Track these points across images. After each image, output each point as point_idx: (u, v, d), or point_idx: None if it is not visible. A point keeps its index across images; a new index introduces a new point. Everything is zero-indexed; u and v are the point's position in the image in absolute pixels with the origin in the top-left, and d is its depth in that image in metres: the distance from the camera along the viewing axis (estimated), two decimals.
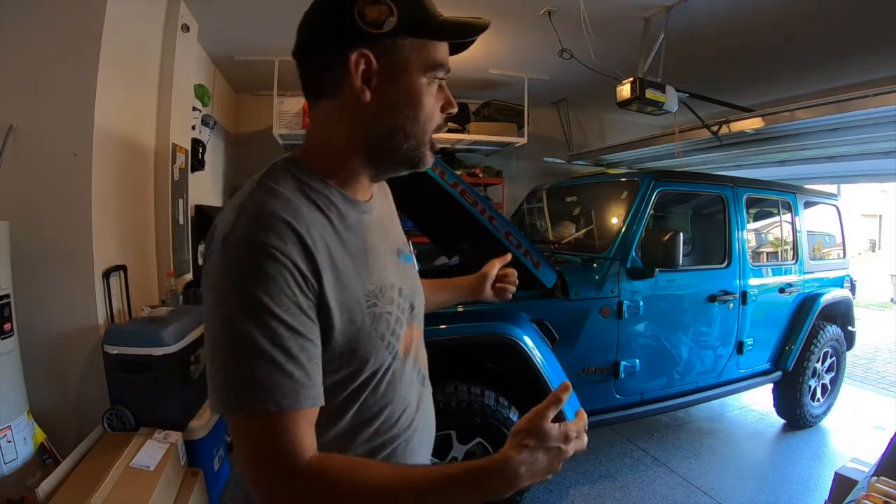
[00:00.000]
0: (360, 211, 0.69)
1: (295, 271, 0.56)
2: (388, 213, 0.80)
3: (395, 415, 0.71)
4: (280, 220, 0.57)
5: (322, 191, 0.65)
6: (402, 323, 0.71)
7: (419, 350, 0.79)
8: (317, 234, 0.60)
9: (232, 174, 4.49)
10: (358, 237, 0.67)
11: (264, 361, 0.54)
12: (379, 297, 0.66)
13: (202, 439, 2.06)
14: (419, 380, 0.78)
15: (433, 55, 0.64)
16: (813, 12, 2.72)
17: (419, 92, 0.64)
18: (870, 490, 1.08)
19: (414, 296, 0.77)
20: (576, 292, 2.29)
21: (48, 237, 1.98)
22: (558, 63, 3.22)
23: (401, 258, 0.76)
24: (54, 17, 1.98)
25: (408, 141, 0.66)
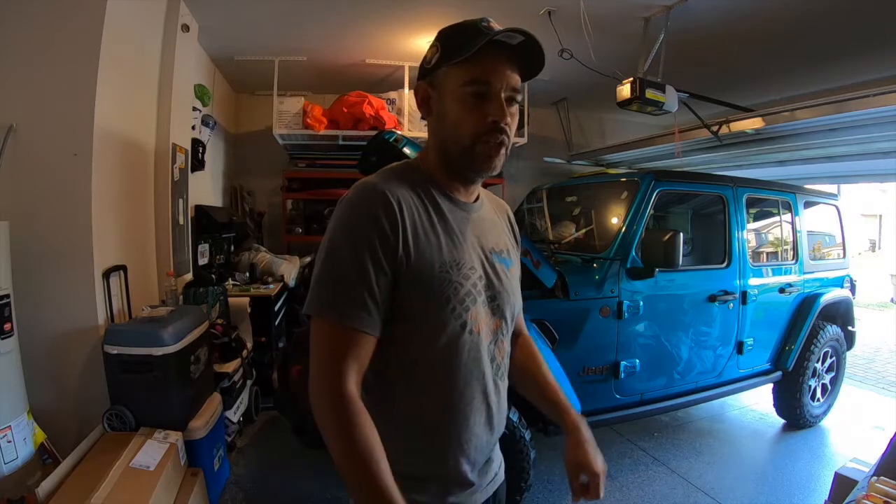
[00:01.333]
0: (456, 206, 0.85)
1: (379, 226, 0.74)
2: (492, 221, 0.93)
3: (459, 380, 0.81)
4: (377, 190, 0.77)
5: (422, 182, 0.84)
6: (476, 301, 0.81)
7: (498, 341, 0.87)
8: (406, 207, 0.77)
9: (232, 174, 4.49)
10: (447, 222, 0.82)
11: (342, 284, 0.74)
12: (452, 268, 0.79)
13: (202, 439, 2.06)
14: (494, 368, 0.86)
15: (465, 74, 0.78)
16: (813, 12, 2.72)
17: (452, 107, 0.80)
18: (870, 490, 1.08)
19: (500, 292, 0.87)
20: (576, 292, 2.29)
21: (48, 237, 1.98)
22: (558, 63, 3.22)
23: (493, 256, 0.88)
24: (54, 17, 1.98)
25: (454, 146, 0.81)
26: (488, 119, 0.78)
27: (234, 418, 2.63)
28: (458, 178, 0.86)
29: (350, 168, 3.91)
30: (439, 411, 0.82)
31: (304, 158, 4.40)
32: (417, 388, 0.81)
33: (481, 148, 0.79)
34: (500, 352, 0.88)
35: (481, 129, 0.78)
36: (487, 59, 0.77)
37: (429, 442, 0.83)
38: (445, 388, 0.81)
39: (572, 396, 2.23)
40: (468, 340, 0.81)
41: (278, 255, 3.81)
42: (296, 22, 3.10)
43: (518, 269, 0.96)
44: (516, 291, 0.92)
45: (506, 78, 0.78)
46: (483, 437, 0.86)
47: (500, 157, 0.82)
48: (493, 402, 0.86)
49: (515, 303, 0.92)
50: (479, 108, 0.78)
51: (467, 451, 0.84)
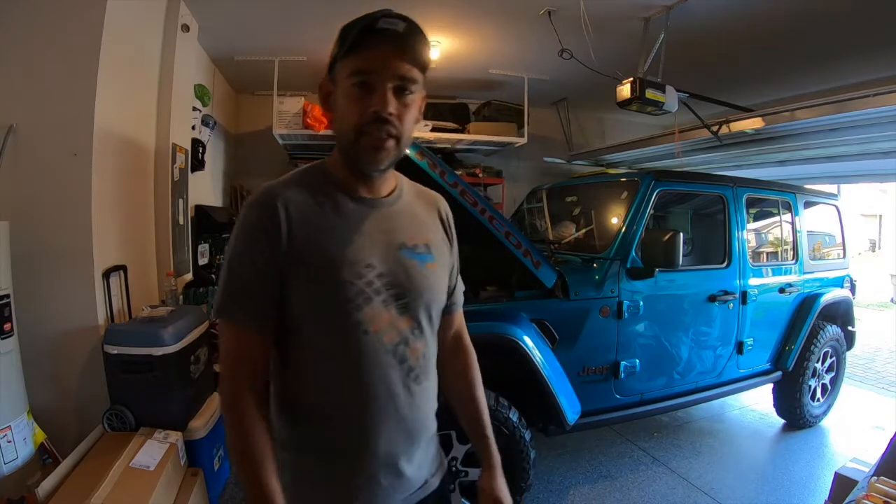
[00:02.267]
0: (358, 202, 0.84)
1: (264, 229, 0.77)
2: (411, 214, 0.90)
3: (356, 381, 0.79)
4: (267, 194, 0.79)
5: (322, 181, 0.84)
6: (371, 299, 0.79)
7: (409, 342, 0.83)
8: (294, 208, 0.78)
9: (232, 174, 4.49)
10: (345, 220, 0.82)
11: (232, 286, 0.78)
12: (343, 266, 0.78)
13: (202, 439, 2.06)
14: (403, 370, 0.82)
15: (349, 66, 0.77)
16: (812, 12, 2.72)
17: (341, 101, 0.79)
18: (870, 490, 1.08)
19: (410, 289, 0.83)
20: (576, 292, 2.29)
21: (48, 237, 1.98)
22: (558, 63, 3.22)
23: (402, 252, 0.84)
24: (54, 18, 1.98)
25: (344, 140, 0.80)
26: (370, 110, 0.75)
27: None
28: (355, 173, 0.83)
29: None
30: (340, 414, 0.81)
31: (304, 158, 4.40)
32: (318, 389, 0.81)
33: (365, 140, 0.77)
34: (413, 353, 0.84)
35: (364, 121, 0.76)
36: (372, 49, 0.75)
37: (333, 444, 0.81)
38: (343, 389, 0.80)
39: (572, 396, 2.23)
40: (363, 341, 0.79)
41: None
42: (296, 22, 3.10)
43: (443, 264, 0.92)
44: (434, 288, 0.88)
45: (391, 67, 0.75)
46: (397, 442, 0.83)
47: (388, 150, 0.78)
48: (402, 405, 0.82)
49: (433, 300, 0.88)
50: (362, 100, 0.76)
51: (384, 461, 0.82)
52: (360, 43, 0.74)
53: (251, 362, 0.78)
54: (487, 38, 3.40)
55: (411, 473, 0.86)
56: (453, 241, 0.97)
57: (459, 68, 3.96)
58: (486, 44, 3.49)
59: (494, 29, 3.22)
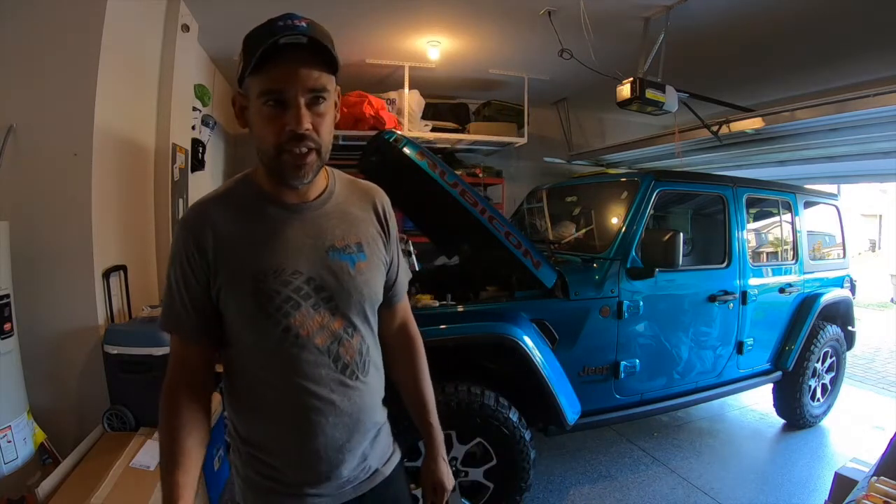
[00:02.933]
0: (283, 209, 0.86)
1: (188, 245, 0.82)
2: (342, 214, 0.90)
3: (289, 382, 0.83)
4: (193, 211, 0.86)
5: (246, 192, 0.87)
6: (300, 305, 0.82)
7: (342, 341, 0.86)
8: (221, 222, 0.83)
9: (232, 174, 4.43)
10: (270, 229, 0.84)
11: (165, 298, 0.86)
12: (268, 276, 0.81)
13: None
14: (338, 367, 0.86)
15: (259, 85, 0.76)
16: (813, 12, 2.72)
17: (255, 119, 0.79)
18: (870, 490, 1.08)
19: (338, 291, 0.86)
20: (576, 292, 2.29)
21: (48, 237, 1.98)
22: (558, 63, 3.22)
23: (330, 255, 0.86)
24: (54, 18, 1.98)
25: (264, 157, 0.81)
26: (286, 129, 0.75)
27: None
28: (282, 184, 0.84)
29: (350, 168, 3.85)
30: (278, 414, 0.85)
31: None
32: (258, 392, 0.86)
33: (287, 157, 0.78)
34: (348, 351, 0.87)
35: (282, 140, 0.76)
36: (278, 66, 0.74)
37: (276, 442, 0.86)
38: (280, 391, 0.84)
39: (572, 396, 2.23)
40: (295, 344, 0.82)
41: None
42: None
43: (377, 261, 0.92)
44: (366, 287, 0.89)
45: (300, 81, 0.75)
46: (337, 437, 0.86)
47: (311, 165, 0.79)
48: (339, 401, 0.85)
49: (366, 298, 0.89)
50: (277, 119, 0.76)
51: (317, 451, 0.85)
52: (265, 60, 0.73)
53: (186, 368, 0.85)
54: (487, 38, 3.40)
55: (355, 463, 0.90)
56: (391, 235, 0.97)
57: (459, 68, 3.96)
58: (486, 44, 3.49)
59: (494, 29, 3.22)
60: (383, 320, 0.99)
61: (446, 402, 1.94)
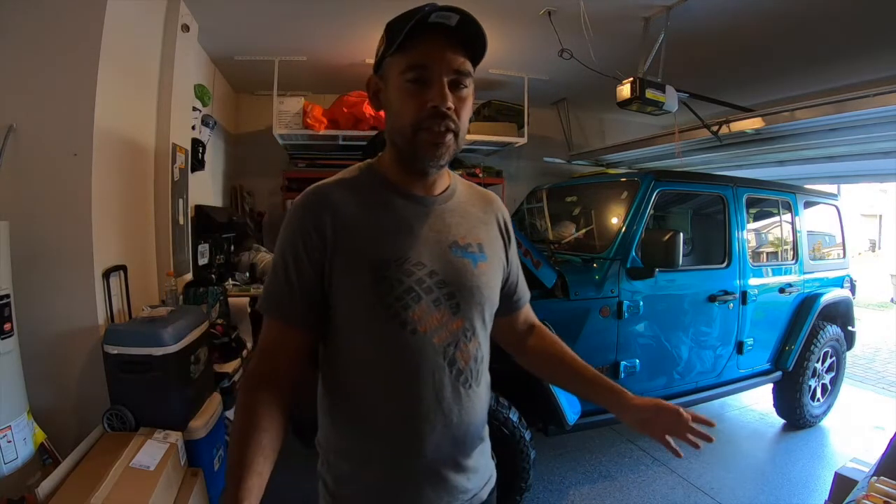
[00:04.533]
0: (410, 200, 0.83)
1: (304, 227, 0.78)
2: (465, 213, 0.88)
3: (401, 382, 0.78)
4: (312, 193, 0.80)
5: (372, 181, 0.83)
6: (420, 298, 0.77)
7: (460, 344, 0.81)
8: (343, 207, 0.79)
9: (232, 174, 4.48)
10: (396, 217, 0.81)
11: (271, 281, 0.80)
12: (390, 264, 0.77)
13: (202, 439, 2.06)
14: (452, 373, 0.80)
15: (403, 61, 0.75)
16: (813, 12, 2.72)
17: (394, 97, 0.77)
18: (870, 490, 1.08)
19: (461, 289, 0.81)
20: (576, 292, 2.29)
21: (48, 237, 1.98)
22: (558, 63, 3.22)
23: (453, 251, 0.83)
24: (54, 17, 1.98)
25: (399, 138, 0.78)
26: (428, 105, 0.74)
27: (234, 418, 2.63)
28: (411, 171, 0.82)
29: None
30: (385, 418, 0.79)
31: (304, 158, 4.40)
32: (363, 392, 0.80)
33: (424, 136, 0.75)
34: (464, 356, 0.81)
35: (422, 117, 0.74)
36: (425, 44, 0.74)
37: (378, 450, 0.80)
38: (389, 392, 0.78)
39: (572, 396, 2.23)
40: (411, 341, 0.77)
41: None
42: (296, 22, 3.10)
43: (496, 265, 0.90)
44: (486, 288, 0.85)
45: (446, 61, 0.74)
46: (444, 449, 0.80)
47: (448, 146, 0.77)
48: (450, 411, 0.79)
49: (486, 301, 0.85)
50: (419, 95, 0.74)
51: (430, 466, 0.80)
52: (411, 38, 0.72)
53: (277, 358, 0.78)
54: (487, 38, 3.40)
55: (458, 483, 0.83)
56: (510, 243, 0.96)
57: None
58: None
59: (494, 29, 3.22)
60: (510, 326, 0.97)
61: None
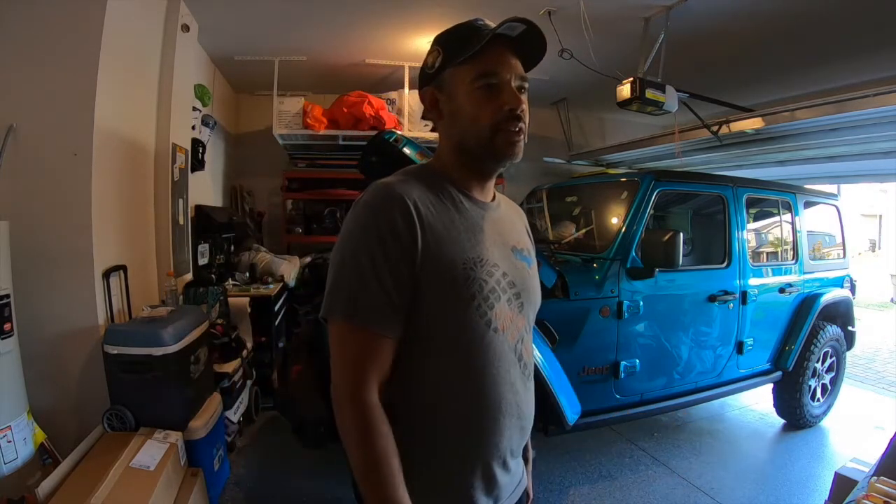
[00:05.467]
0: (474, 203, 0.85)
1: (394, 227, 0.74)
2: (510, 220, 0.94)
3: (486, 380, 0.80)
4: (393, 191, 0.77)
5: (440, 182, 0.84)
6: (500, 298, 0.80)
7: (524, 340, 0.87)
8: (423, 205, 0.77)
9: (232, 174, 4.49)
10: (468, 219, 0.82)
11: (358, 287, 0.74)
12: (476, 265, 0.79)
13: (202, 439, 2.06)
14: (521, 367, 0.86)
15: (473, 70, 0.80)
16: (813, 12, 2.72)
17: (466, 103, 0.81)
18: (870, 490, 1.08)
19: (524, 290, 0.87)
20: (576, 292, 2.29)
21: (48, 237, 1.98)
22: (558, 63, 3.21)
23: (514, 254, 0.88)
24: (54, 18, 1.98)
25: (474, 141, 0.82)
26: (504, 108, 0.79)
27: (234, 418, 2.63)
28: (477, 174, 0.87)
29: (350, 168, 3.91)
30: (470, 415, 0.80)
31: (304, 158, 4.40)
32: (446, 392, 0.79)
33: (502, 137, 0.80)
34: (527, 351, 0.88)
35: (499, 119, 0.80)
36: (492, 53, 0.80)
37: (461, 447, 0.81)
38: (475, 389, 0.80)
39: (572, 396, 2.23)
40: (494, 339, 0.80)
41: (278, 255, 3.81)
42: (296, 22, 3.10)
43: (536, 269, 0.96)
44: (538, 289, 0.93)
45: (512, 67, 0.81)
46: (515, 440, 0.85)
47: (521, 144, 0.83)
48: (522, 402, 0.85)
49: (537, 301, 0.93)
50: (492, 100, 0.80)
51: (501, 456, 0.83)
52: (482, 49, 0.78)
53: (380, 366, 0.75)
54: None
55: (514, 468, 0.89)
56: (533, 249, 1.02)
57: None
58: None
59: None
60: None
61: None
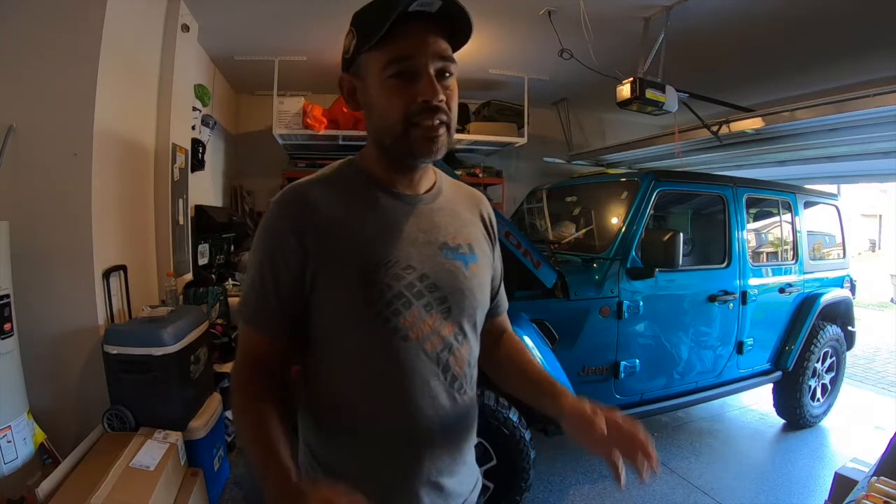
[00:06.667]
0: (397, 199, 0.78)
1: (284, 231, 0.73)
2: (452, 212, 0.84)
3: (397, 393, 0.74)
4: (292, 193, 0.75)
5: (356, 179, 0.79)
6: (411, 304, 0.74)
7: (453, 349, 0.78)
8: (325, 208, 0.74)
9: (232, 174, 4.49)
10: (383, 217, 0.76)
11: (249, 289, 0.76)
12: (379, 268, 0.73)
13: (202, 439, 2.06)
14: (445, 379, 0.77)
15: (384, 55, 0.70)
16: (813, 12, 2.72)
17: (377, 95, 0.72)
18: (870, 490, 1.08)
19: (452, 292, 0.78)
20: (576, 292, 2.29)
21: (48, 237, 1.98)
22: (558, 63, 3.22)
23: (443, 252, 0.79)
24: (54, 18, 1.98)
25: (388, 136, 0.73)
26: (418, 99, 0.69)
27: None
28: (399, 168, 0.78)
29: None
30: (380, 429, 0.75)
31: (304, 158, 4.40)
32: (354, 403, 0.76)
33: (417, 133, 0.71)
34: (457, 361, 0.78)
35: (412, 112, 0.70)
36: (406, 34, 0.68)
37: (373, 461, 0.76)
38: (384, 402, 0.75)
39: None
40: (404, 349, 0.73)
41: None
42: (296, 22, 3.10)
43: (486, 265, 0.86)
44: (478, 290, 0.82)
45: (430, 49, 0.69)
46: (445, 460, 0.78)
47: (442, 139, 0.73)
48: (447, 418, 0.77)
49: (478, 304, 0.82)
50: (406, 90, 0.70)
51: (426, 479, 0.76)
52: (393, 29, 0.67)
53: (262, 363, 0.75)
54: (487, 38, 3.40)
55: (452, 488, 0.80)
56: (496, 243, 0.92)
57: (459, 68, 3.86)
58: (486, 44, 3.49)
59: (494, 29, 3.22)
60: (486, 332, 0.90)
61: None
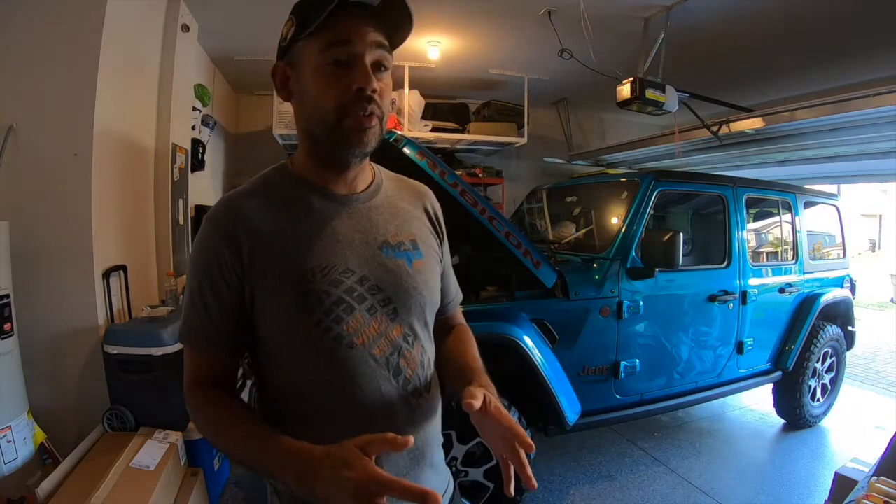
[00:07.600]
0: (331, 200, 0.76)
1: (216, 246, 0.71)
2: (393, 209, 0.82)
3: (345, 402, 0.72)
4: (222, 206, 0.74)
5: (287, 182, 0.77)
6: (353, 309, 0.72)
7: (403, 351, 0.75)
8: (258, 219, 0.72)
9: (232, 174, 4.49)
10: (317, 221, 0.74)
11: (186, 306, 0.74)
12: (315, 275, 0.71)
13: (202, 439, 2.06)
14: (398, 383, 0.74)
15: (321, 42, 0.68)
16: (813, 12, 2.72)
17: (311, 82, 0.71)
18: (870, 490, 1.08)
19: (397, 292, 0.76)
20: (576, 292, 2.29)
21: (48, 237, 1.98)
22: (558, 63, 3.22)
23: (384, 251, 0.76)
24: (54, 18, 1.98)
25: (319, 127, 0.72)
26: (353, 88, 0.68)
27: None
28: (331, 165, 0.76)
29: None
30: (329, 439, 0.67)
31: None
32: (303, 416, 0.73)
33: (349, 122, 0.69)
34: (409, 364, 0.75)
35: (346, 101, 0.68)
36: (345, 22, 0.67)
37: None
38: (333, 413, 0.72)
39: (572, 396, 2.23)
40: (349, 356, 0.71)
41: None
42: None
43: (433, 260, 0.84)
44: (425, 288, 0.79)
45: (368, 38, 0.68)
46: (401, 466, 0.74)
47: (374, 131, 0.71)
48: (402, 424, 0.73)
49: (427, 301, 0.80)
50: (341, 78, 0.68)
51: None
52: (327, 19, 0.66)
53: (210, 384, 0.74)
54: (487, 38, 3.40)
55: None
56: (443, 236, 0.90)
57: (459, 68, 3.96)
58: (486, 44, 3.49)
59: (494, 29, 3.22)
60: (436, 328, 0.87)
61: (446, 402, 1.93)
